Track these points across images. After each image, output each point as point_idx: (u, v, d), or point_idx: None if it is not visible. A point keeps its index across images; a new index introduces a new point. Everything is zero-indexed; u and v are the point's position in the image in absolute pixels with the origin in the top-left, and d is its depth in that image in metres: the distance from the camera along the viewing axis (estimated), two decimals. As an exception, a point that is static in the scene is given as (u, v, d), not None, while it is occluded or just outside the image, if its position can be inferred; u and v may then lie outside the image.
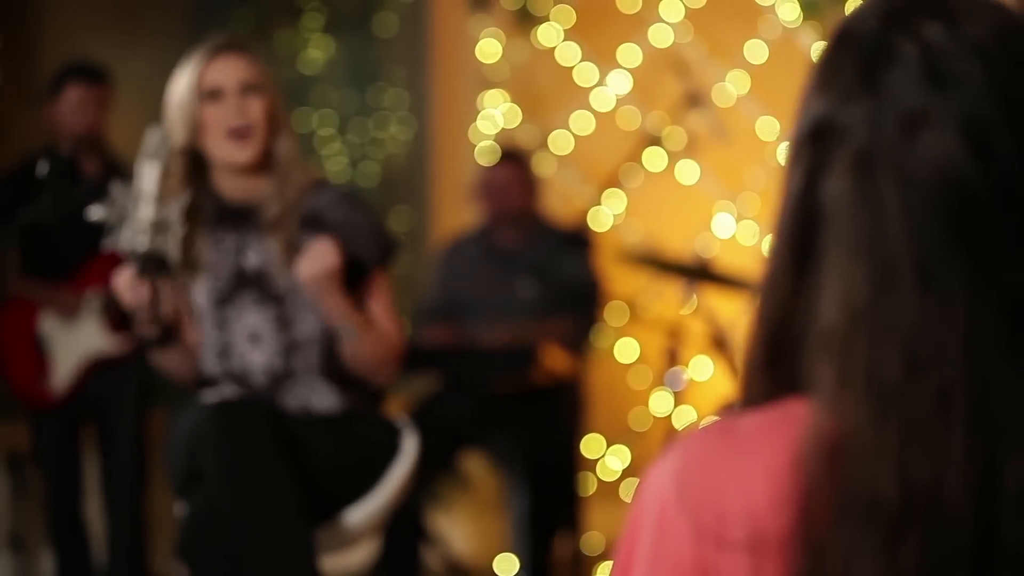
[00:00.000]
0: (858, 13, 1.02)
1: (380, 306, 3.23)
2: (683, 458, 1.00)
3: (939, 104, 0.96)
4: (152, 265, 2.95)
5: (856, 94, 0.99)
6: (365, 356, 3.18)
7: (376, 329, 3.19)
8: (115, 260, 4.71)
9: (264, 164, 3.17)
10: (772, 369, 1.01)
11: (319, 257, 3.06)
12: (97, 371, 4.82)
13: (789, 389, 0.99)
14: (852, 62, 1.00)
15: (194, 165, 3.16)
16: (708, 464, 0.98)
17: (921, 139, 0.96)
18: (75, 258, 4.81)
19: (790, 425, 0.97)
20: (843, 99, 0.99)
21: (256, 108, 3.14)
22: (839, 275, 0.96)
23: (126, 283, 3.01)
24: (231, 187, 3.19)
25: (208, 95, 3.14)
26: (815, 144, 1.00)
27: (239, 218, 3.19)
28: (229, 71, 3.15)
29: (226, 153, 3.13)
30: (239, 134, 3.12)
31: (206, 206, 3.18)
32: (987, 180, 0.95)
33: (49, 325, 4.85)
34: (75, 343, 4.85)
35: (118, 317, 4.83)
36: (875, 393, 0.93)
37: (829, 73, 1.01)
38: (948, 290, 0.94)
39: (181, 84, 3.16)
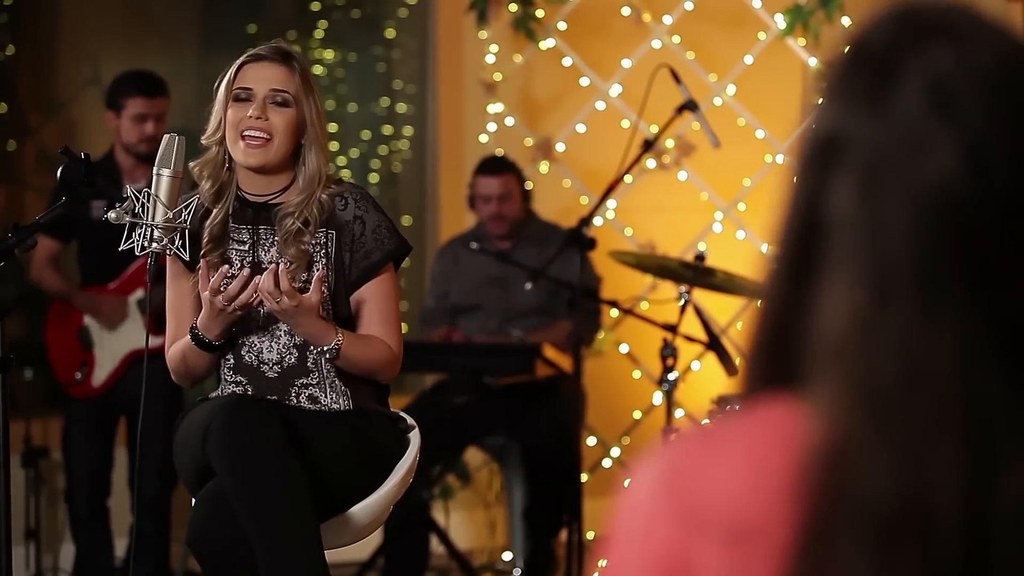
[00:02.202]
0: (871, 27, 1.02)
1: (378, 312, 3.23)
2: (669, 457, 1.01)
3: (943, 127, 0.96)
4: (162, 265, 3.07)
5: (863, 109, 0.99)
6: (356, 368, 3.19)
7: (367, 341, 3.20)
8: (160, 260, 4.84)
9: (281, 168, 3.20)
10: (769, 369, 1.01)
11: (289, 306, 3.06)
12: (135, 366, 4.88)
13: (784, 389, 1.00)
14: (862, 77, 1.00)
15: (227, 154, 3.20)
16: (693, 462, 0.99)
17: (924, 160, 0.96)
18: (125, 260, 4.92)
19: (774, 424, 0.98)
20: (852, 114, 0.99)
21: (279, 119, 3.15)
22: (840, 286, 0.96)
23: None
24: (250, 183, 3.23)
25: (237, 95, 3.16)
26: (823, 155, 1.00)
27: (255, 213, 3.22)
28: (263, 77, 3.16)
29: (236, 153, 3.17)
30: (252, 140, 3.15)
31: (229, 198, 3.22)
32: (988, 203, 0.95)
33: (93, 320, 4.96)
34: (116, 338, 4.94)
35: (157, 317, 4.96)
36: (872, 403, 0.93)
37: (840, 86, 1.01)
38: (947, 307, 0.94)
39: (222, 79, 3.20)
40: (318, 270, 3.14)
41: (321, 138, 3.20)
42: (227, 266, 3.15)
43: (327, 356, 3.15)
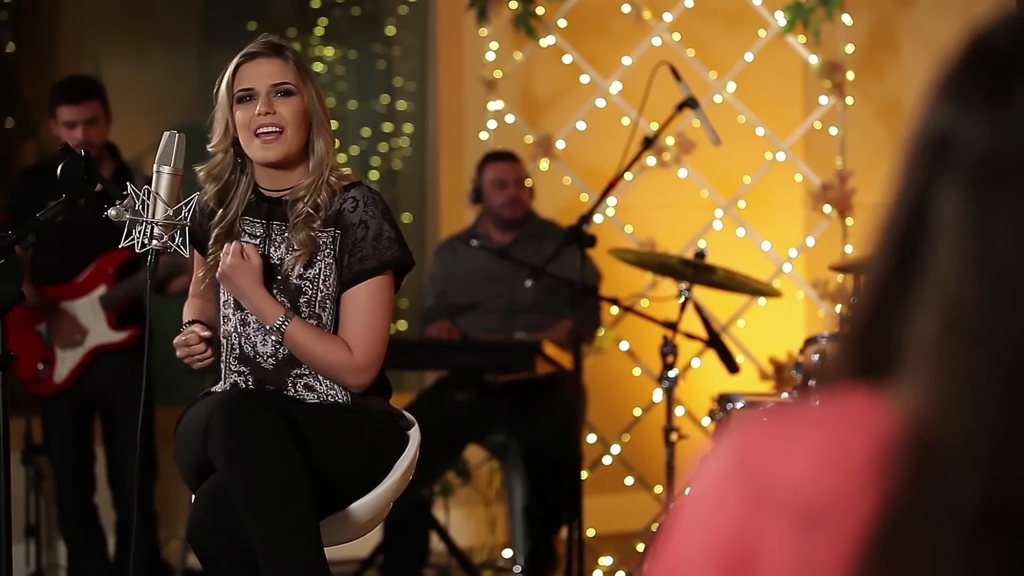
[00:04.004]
0: (993, 26, 0.99)
1: (357, 318, 3.20)
2: (744, 434, 1.00)
3: None
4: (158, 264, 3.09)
5: (983, 107, 0.97)
6: (305, 358, 3.19)
7: (324, 337, 3.18)
8: (119, 256, 4.85)
9: (299, 159, 3.24)
10: (859, 360, 1.01)
11: (233, 260, 3.14)
12: (98, 361, 4.92)
13: (869, 380, 0.99)
14: (982, 75, 0.98)
15: (235, 157, 3.24)
16: (769, 441, 0.99)
17: None
18: (87, 257, 4.94)
19: (852, 412, 0.98)
20: (969, 111, 0.97)
21: (286, 110, 3.18)
22: (945, 283, 0.95)
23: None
24: (266, 178, 3.26)
25: (240, 96, 3.20)
26: (933, 153, 0.98)
27: (271, 208, 3.25)
28: (261, 74, 3.20)
29: (255, 152, 3.20)
30: (267, 135, 3.18)
31: (241, 194, 3.25)
32: None
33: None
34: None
35: (120, 312, 4.96)
36: (971, 401, 0.93)
37: (956, 84, 0.99)
38: None
39: (220, 83, 3.23)
40: (320, 262, 3.18)
41: (325, 121, 3.25)
42: (199, 326, 3.22)
43: (273, 336, 3.19)
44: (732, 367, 4.62)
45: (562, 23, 5.94)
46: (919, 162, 1.00)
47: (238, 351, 3.26)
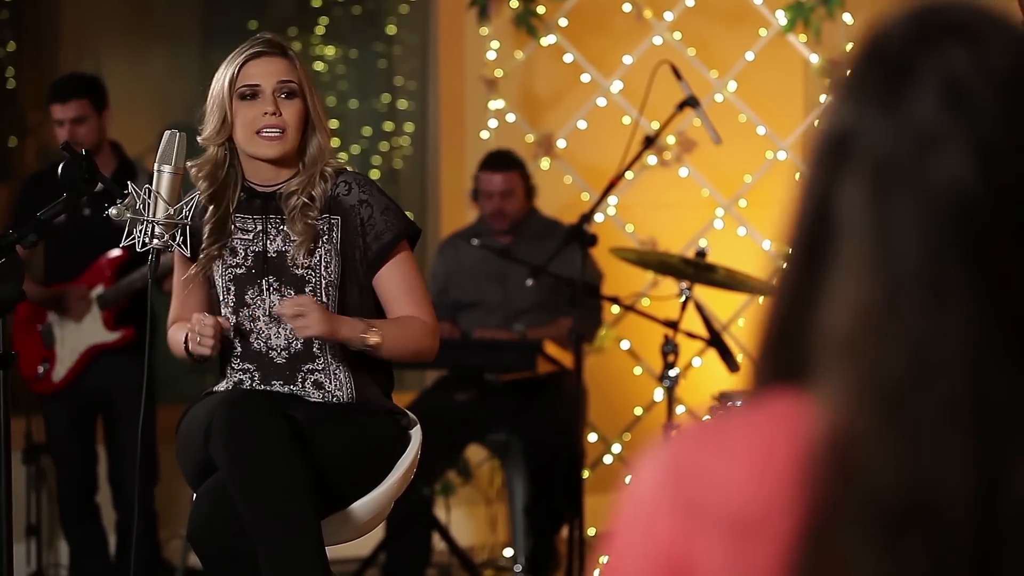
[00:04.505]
0: (887, 26, 1.02)
1: (405, 291, 3.25)
2: (673, 451, 1.01)
3: (955, 127, 0.97)
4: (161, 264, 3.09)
5: (877, 108, 0.99)
6: (402, 352, 3.23)
7: (403, 323, 3.22)
8: (118, 256, 4.85)
9: (293, 157, 3.23)
10: (776, 364, 1.02)
11: (308, 322, 3.10)
12: (97, 360, 4.93)
13: (790, 384, 1.00)
14: (876, 75, 1.00)
15: (227, 150, 3.23)
16: (697, 456, 1.00)
17: (935, 159, 0.96)
18: (88, 256, 4.94)
19: (779, 417, 0.99)
20: (864, 111, 0.99)
21: (291, 111, 3.18)
22: (850, 282, 0.97)
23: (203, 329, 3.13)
24: (259, 175, 3.25)
25: (244, 93, 3.18)
26: (835, 152, 1.00)
27: (265, 203, 3.25)
28: (268, 72, 3.19)
29: (256, 149, 3.19)
30: (270, 135, 3.18)
31: (231, 190, 3.24)
32: (997, 203, 0.96)
33: (55, 316, 4.98)
34: (76, 335, 4.96)
35: (117, 312, 4.96)
36: (881, 397, 0.94)
37: (854, 84, 1.01)
38: (956, 303, 0.95)
39: (221, 77, 3.20)
40: (320, 249, 3.19)
41: (323, 120, 3.25)
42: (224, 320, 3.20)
43: (369, 351, 3.18)
44: (733, 366, 4.62)
45: (563, 22, 5.94)
46: (824, 162, 1.01)
47: (240, 349, 3.25)
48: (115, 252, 4.85)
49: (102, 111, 4.89)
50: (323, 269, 3.21)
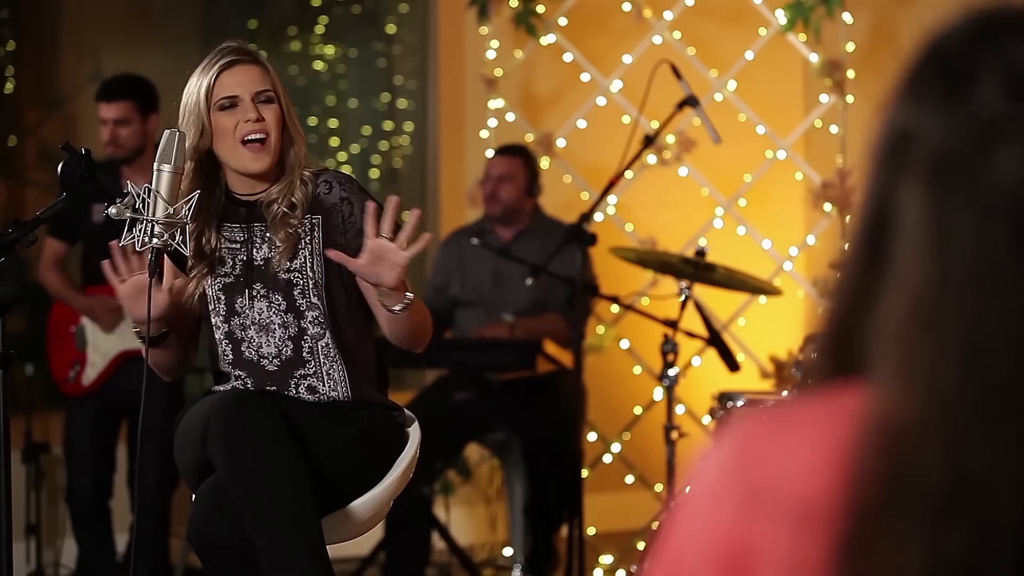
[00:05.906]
0: (949, 26, 1.03)
1: None
2: (738, 436, 1.03)
3: (1019, 122, 0.98)
4: (160, 262, 3.08)
5: (937, 106, 1.00)
6: (412, 328, 3.17)
7: (419, 301, 3.19)
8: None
9: (275, 166, 3.21)
10: (839, 357, 1.04)
11: (390, 264, 3.05)
12: (127, 365, 4.91)
13: (854, 377, 1.02)
14: (937, 74, 1.01)
15: (205, 163, 3.20)
16: (763, 443, 1.01)
17: (997, 155, 0.97)
18: None
19: (843, 408, 1.00)
20: (925, 110, 1.00)
21: (270, 116, 3.17)
22: (905, 277, 0.98)
23: (130, 291, 3.11)
24: (241, 184, 3.23)
25: (223, 104, 3.16)
26: (895, 152, 1.01)
27: (248, 211, 3.23)
28: (245, 81, 3.17)
29: (241, 161, 3.17)
30: (255, 144, 3.16)
31: (215, 200, 3.22)
32: None
33: (88, 319, 4.98)
34: (109, 339, 4.96)
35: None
36: (931, 388, 0.96)
37: (914, 83, 1.02)
38: (1009, 296, 0.96)
39: (195, 90, 3.18)
40: (304, 250, 3.18)
41: (298, 125, 3.24)
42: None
43: (398, 310, 3.11)
44: (733, 365, 4.63)
45: (563, 21, 5.94)
46: (883, 162, 1.03)
47: (231, 356, 3.24)
48: None
49: (148, 115, 4.87)
50: (307, 270, 3.20)
